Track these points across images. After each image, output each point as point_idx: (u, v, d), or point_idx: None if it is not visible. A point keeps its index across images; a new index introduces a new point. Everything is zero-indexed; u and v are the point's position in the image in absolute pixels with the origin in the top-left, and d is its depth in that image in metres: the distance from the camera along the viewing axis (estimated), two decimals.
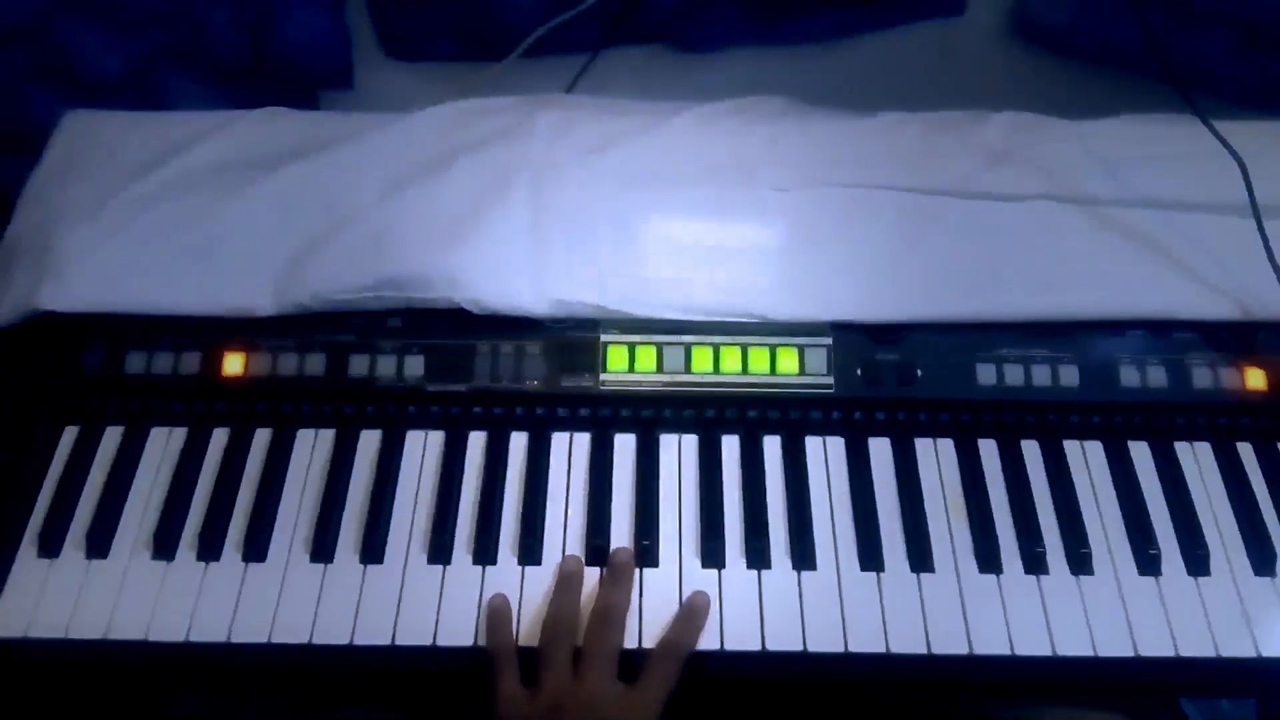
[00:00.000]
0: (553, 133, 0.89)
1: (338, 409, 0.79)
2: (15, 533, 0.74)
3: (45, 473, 0.76)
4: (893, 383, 0.78)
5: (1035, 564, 0.72)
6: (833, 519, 0.75)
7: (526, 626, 0.70)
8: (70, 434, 0.78)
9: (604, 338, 0.79)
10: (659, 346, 0.79)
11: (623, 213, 0.84)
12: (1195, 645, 0.69)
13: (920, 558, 0.73)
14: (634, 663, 0.68)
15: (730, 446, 0.78)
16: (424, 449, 0.78)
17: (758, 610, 0.71)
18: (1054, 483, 0.77)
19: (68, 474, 0.76)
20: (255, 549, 0.73)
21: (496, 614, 0.70)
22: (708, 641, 0.69)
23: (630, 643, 0.69)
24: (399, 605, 0.71)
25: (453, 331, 0.79)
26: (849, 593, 0.71)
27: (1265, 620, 0.70)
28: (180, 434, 0.79)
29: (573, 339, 0.79)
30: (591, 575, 0.72)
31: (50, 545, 0.73)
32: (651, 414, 0.79)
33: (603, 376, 0.78)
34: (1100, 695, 0.78)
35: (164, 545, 0.73)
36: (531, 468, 0.77)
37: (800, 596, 0.71)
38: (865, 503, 0.75)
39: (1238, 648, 0.69)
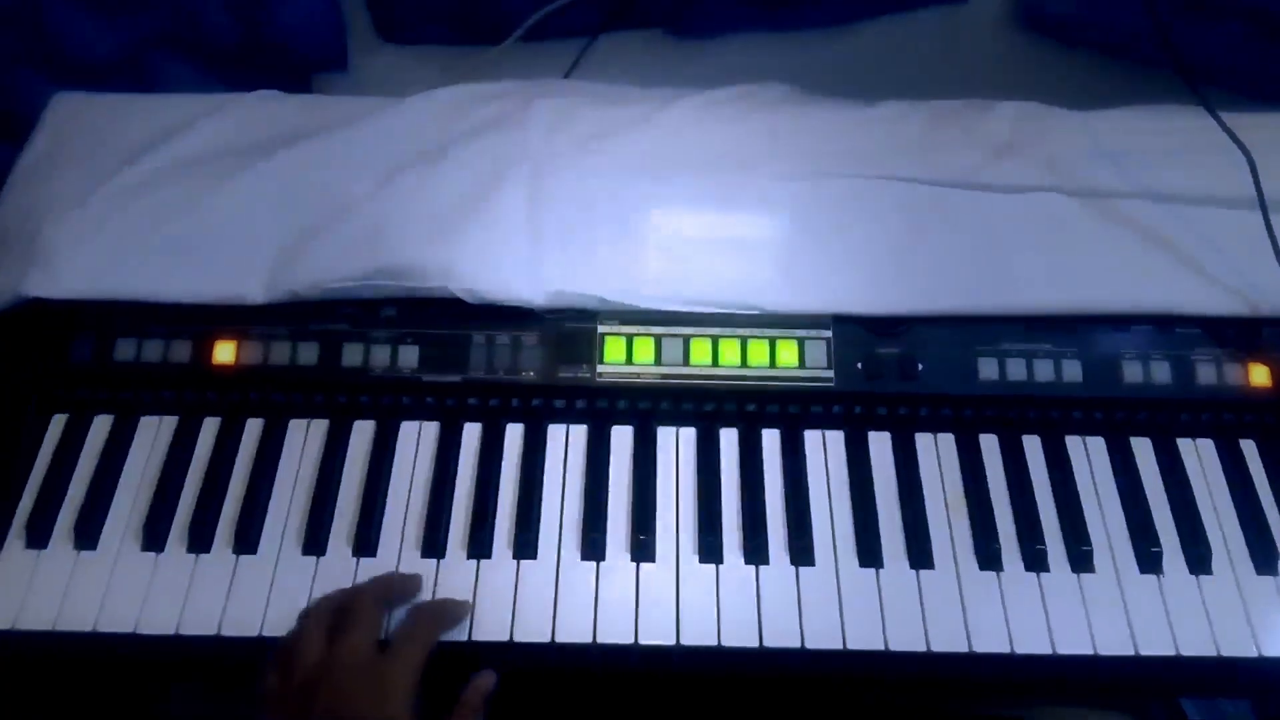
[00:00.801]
0: (550, 121, 0.87)
1: (330, 399, 0.78)
2: (2, 524, 0.73)
3: (33, 462, 0.76)
4: (894, 377, 0.77)
5: (1036, 561, 0.72)
6: (832, 514, 0.74)
7: (521, 622, 0.69)
8: (58, 423, 0.77)
9: (601, 329, 0.78)
10: (657, 338, 0.78)
11: (621, 202, 0.83)
12: (1196, 644, 0.69)
13: (920, 554, 0.72)
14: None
15: (729, 440, 0.77)
16: (418, 440, 0.77)
17: (755, 606, 0.70)
18: (1055, 479, 0.76)
19: (56, 464, 0.75)
20: (246, 541, 0.72)
21: None
22: (705, 638, 0.68)
23: (626, 638, 0.68)
24: None
25: (448, 321, 0.78)
26: (847, 589, 0.71)
27: (1267, 620, 0.70)
28: (170, 423, 0.78)
29: (570, 330, 0.78)
30: (590, 571, 0.71)
31: (38, 536, 0.72)
32: (649, 406, 0.78)
33: (600, 368, 0.77)
34: (1100, 694, 0.78)
35: (153, 537, 0.72)
36: (527, 460, 0.76)
37: (798, 593, 0.70)
38: (865, 498, 0.74)
39: (1239, 647, 0.69)
